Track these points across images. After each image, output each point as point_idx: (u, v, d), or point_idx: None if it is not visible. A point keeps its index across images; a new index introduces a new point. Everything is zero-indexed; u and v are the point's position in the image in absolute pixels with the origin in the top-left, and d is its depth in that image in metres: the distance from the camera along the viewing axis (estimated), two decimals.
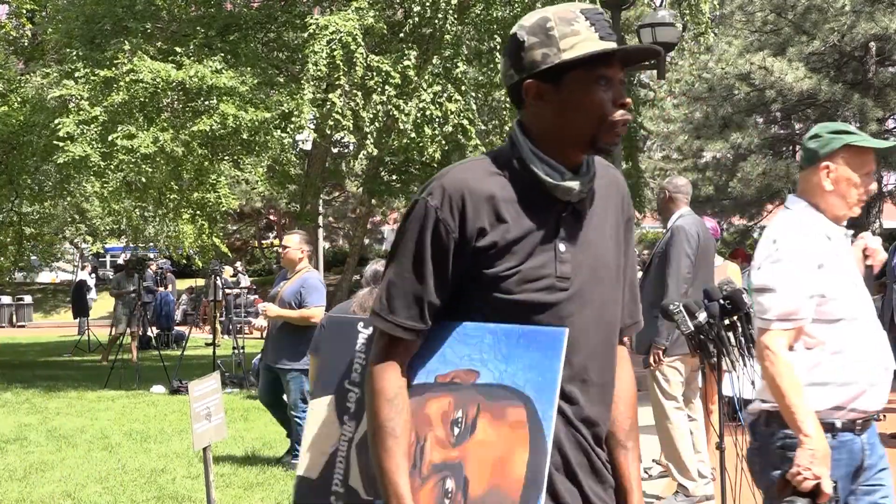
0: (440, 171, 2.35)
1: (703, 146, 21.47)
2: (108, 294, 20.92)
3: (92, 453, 9.40)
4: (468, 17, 14.30)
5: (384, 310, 2.30)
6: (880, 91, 19.37)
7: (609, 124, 2.28)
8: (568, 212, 2.32)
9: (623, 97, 2.28)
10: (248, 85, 13.93)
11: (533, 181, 2.29)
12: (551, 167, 2.29)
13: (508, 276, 2.26)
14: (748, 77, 19.34)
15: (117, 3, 15.25)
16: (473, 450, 2.19)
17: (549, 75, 2.27)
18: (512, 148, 2.34)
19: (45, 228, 22.49)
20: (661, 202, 7.64)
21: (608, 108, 2.26)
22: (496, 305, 2.27)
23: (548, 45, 2.26)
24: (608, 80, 2.26)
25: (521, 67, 2.30)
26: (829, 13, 18.87)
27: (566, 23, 2.26)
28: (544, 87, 2.28)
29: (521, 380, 2.19)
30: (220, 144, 15.26)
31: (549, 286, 2.28)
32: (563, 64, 2.25)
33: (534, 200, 2.29)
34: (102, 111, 13.78)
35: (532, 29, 2.29)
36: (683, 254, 7.04)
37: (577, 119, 2.28)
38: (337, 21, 13.28)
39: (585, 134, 2.29)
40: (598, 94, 2.26)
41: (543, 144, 2.31)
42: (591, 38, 2.24)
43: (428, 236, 2.26)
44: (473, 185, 2.27)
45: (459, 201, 2.25)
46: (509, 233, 2.26)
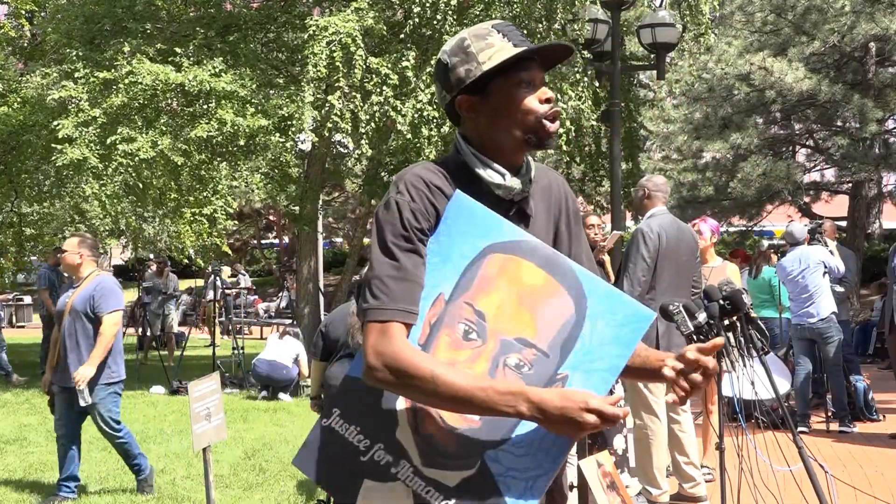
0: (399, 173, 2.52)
1: (702, 146, 21.46)
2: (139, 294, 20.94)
3: (91, 454, 9.39)
4: (467, 17, 14.30)
5: (383, 302, 2.34)
6: (880, 91, 19.37)
7: (539, 119, 2.47)
8: (514, 211, 2.51)
9: (547, 94, 2.48)
10: (247, 88, 13.94)
11: (478, 183, 2.48)
12: (493, 169, 2.49)
13: None
14: (748, 77, 19.34)
15: (117, 4, 15.24)
16: (494, 322, 2.35)
17: (476, 88, 2.48)
18: (457, 155, 2.54)
19: (45, 229, 22.47)
20: (638, 200, 7.60)
21: (534, 106, 2.47)
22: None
23: (468, 62, 2.47)
24: (529, 82, 2.47)
25: (450, 87, 2.51)
26: (829, 14, 18.87)
27: (480, 38, 2.48)
28: (474, 100, 2.49)
29: (469, 248, 2.40)
30: (218, 151, 15.26)
31: None
32: (484, 75, 2.45)
33: (482, 201, 2.43)
34: (101, 113, 13.79)
35: (453, 51, 2.51)
36: (639, 257, 7.01)
37: (509, 122, 2.48)
38: (336, 22, 13.28)
39: (520, 133, 2.48)
40: (522, 95, 2.47)
41: (485, 151, 2.51)
42: (505, 48, 2.45)
43: (410, 226, 2.38)
44: (432, 180, 2.44)
45: (426, 190, 2.41)
46: None
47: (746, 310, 5.52)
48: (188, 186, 15.41)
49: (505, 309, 2.35)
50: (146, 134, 13.85)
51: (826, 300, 10.28)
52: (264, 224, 45.00)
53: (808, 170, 24.32)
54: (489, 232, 2.39)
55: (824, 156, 23.00)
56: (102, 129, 13.90)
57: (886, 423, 10.65)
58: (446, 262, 2.39)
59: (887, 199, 24.52)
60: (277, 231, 43.48)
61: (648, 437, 7.02)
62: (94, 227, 24.17)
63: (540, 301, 2.36)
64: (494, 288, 2.37)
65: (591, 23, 14.13)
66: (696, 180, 22.51)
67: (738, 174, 20.17)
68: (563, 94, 14.35)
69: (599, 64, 14.86)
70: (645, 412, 7.03)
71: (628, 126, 19.27)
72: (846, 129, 20.71)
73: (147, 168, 14.39)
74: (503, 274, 2.38)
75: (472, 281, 2.38)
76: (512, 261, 2.39)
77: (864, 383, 11.06)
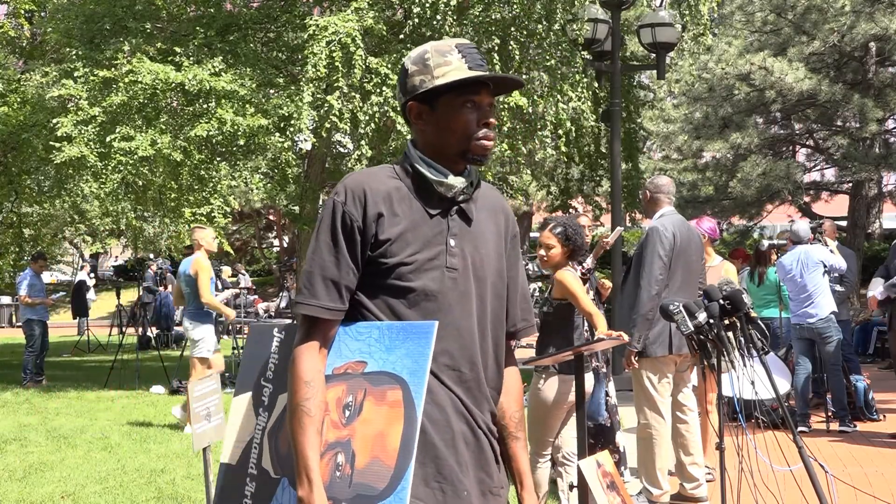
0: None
1: (702, 146, 21.46)
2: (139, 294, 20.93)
3: (91, 453, 9.40)
4: (467, 18, 14.29)
5: (306, 296, 2.64)
6: (880, 91, 19.37)
7: (473, 140, 2.69)
8: (455, 212, 2.72)
9: (487, 118, 2.70)
10: (247, 88, 13.94)
11: (423, 183, 2.70)
12: (436, 169, 2.70)
13: (404, 264, 2.62)
14: (748, 77, 19.34)
15: (117, 3, 15.25)
16: (360, 428, 2.55)
17: (427, 99, 2.71)
18: (405, 158, 2.76)
19: (44, 230, 22.47)
20: (643, 202, 7.59)
21: (473, 128, 2.69)
22: (393, 292, 2.62)
23: (424, 73, 2.70)
24: (475, 104, 2.69)
25: (405, 91, 2.75)
26: (828, 13, 18.87)
27: (441, 54, 2.69)
28: (423, 109, 2.72)
29: (400, 366, 2.55)
30: (217, 150, 15.26)
31: (439, 276, 2.65)
32: (434, 89, 2.67)
33: (426, 200, 2.69)
34: (101, 112, 13.79)
35: (414, 59, 2.73)
36: (656, 255, 6.98)
37: (449, 136, 2.70)
38: (336, 22, 13.27)
39: (456, 148, 2.70)
40: (465, 115, 2.68)
41: (428, 155, 2.73)
42: (460, 68, 2.67)
43: (338, 227, 2.64)
44: (372, 183, 2.68)
45: (361, 195, 2.64)
46: (405, 227, 2.64)
47: (746, 309, 5.52)
48: (188, 186, 15.40)
49: (370, 426, 2.55)
50: (146, 133, 13.86)
51: (826, 300, 10.27)
52: (264, 224, 45.00)
53: (809, 169, 24.33)
54: (403, 369, 2.56)
55: (824, 155, 23.01)
56: (102, 127, 13.91)
57: (887, 423, 10.65)
58: (390, 352, 2.59)
59: (887, 199, 24.51)
60: (277, 231, 43.46)
61: (652, 436, 7.00)
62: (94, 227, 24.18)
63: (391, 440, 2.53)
64: (383, 405, 2.56)
65: (590, 22, 14.12)
66: (696, 180, 22.53)
67: (738, 174, 20.18)
68: (563, 94, 14.34)
69: (599, 64, 14.85)
70: (650, 411, 7.02)
71: (628, 126, 19.24)
72: (846, 128, 20.72)
73: (146, 167, 14.38)
74: (391, 405, 2.55)
75: (379, 385, 2.57)
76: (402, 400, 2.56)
77: (864, 383, 11.06)
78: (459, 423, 2.64)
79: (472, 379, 2.69)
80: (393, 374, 2.56)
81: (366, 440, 2.52)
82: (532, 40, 14.54)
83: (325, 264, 2.64)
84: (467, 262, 2.70)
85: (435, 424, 2.59)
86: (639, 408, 7.14)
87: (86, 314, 25.06)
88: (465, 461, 2.64)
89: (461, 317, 2.66)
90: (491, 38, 14.34)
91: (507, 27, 14.28)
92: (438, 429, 2.59)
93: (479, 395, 2.71)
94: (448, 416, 2.62)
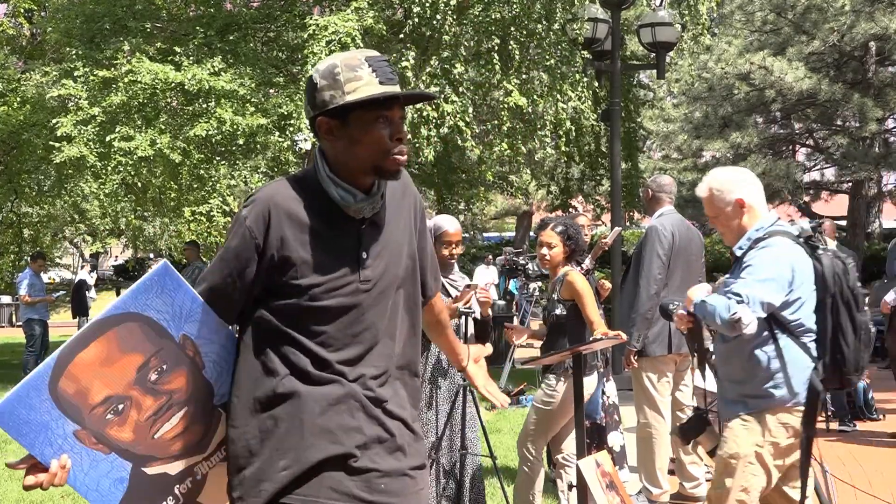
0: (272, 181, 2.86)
1: (702, 146, 21.47)
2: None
3: None
4: (467, 17, 14.29)
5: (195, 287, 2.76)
6: (880, 91, 19.37)
7: (387, 156, 2.69)
8: (366, 224, 2.75)
9: (400, 133, 2.70)
10: (246, 87, 13.93)
11: (332, 201, 2.71)
12: (345, 190, 2.70)
13: (317, 285, 2.65)
14: (748, 77, 19.35)
15: (117, 3, 15.25)
16: None
17: (337, 114, 2.68)
18: (315, 172, 2.76)
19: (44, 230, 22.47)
20: (644, 201, 7.60)
21: (386, 144, 2.68)
22: (309, 312, 2.66)
23: (335, 88, 2.66)
24: (387, 119, 2.68)
25: (314, 105, 2.72)
26: (828, 13, 18.87)
27: (350, 69, 2.66)
28: (333, 124, 2.70)
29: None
30: (217, 150, 15.26)
31: (353, 291, 2.69)
32: (345, 105, 2.65)
33: (336, 217, 2.72)
34: (101, 111, 13.79)
35: (323, 74, 2.69)
36: (655, 255, 6.99)
37: (361, 151, 2.69)
38: (336, 21, 13.27)
39: (369, 163, 2.70)
40: (377, 130, 2.68)
41: (338, 170, 2.73)
42: (371, 83, 2.65)
43: (237, 241, 2.69)
44: (280, 201, 2.69)
45: (266, 213, 2.66)
46: (313, 246, 2.68)
47: None
48: (187, 186, 15.40)
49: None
50: (145, 133, 13.86)
51: None
52: None
53: (808, 169, 24.32)
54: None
55: (824, 155, 23.01)
56: (102, 127, 13.91)
57: (886, 423, 10.65)
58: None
59: (887, 199, 24.53)
60: None
61: (652, 435, 7.00)
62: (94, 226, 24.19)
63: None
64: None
65: (590, 22, 14.12)
66: (696, 179, 22.44)
67: None
68: (562, 93, 14.34)
69: (599, 63, 14.85)
70: (650, 410, 7.02)
71: (628, 125, 19.25)
72: (846, 128, 20.72)
73: (146, 167, 14.39)
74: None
75: None
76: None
77: (863, 383, 11.05)
78: (372, 427, 2.71)
79: (391, 375, 2.78)
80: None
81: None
82: (532, 40, 14.53)
83: (213, 269, 2.74)
84: (382, 269, 2.76)
85: (348, 433, 2.66)
86: (639, 407, 7.14)
87: (86, 314, 25.05)
88: (380, 457, 2.70)
89: (377, 320, 2.74)
90: (491, 38, 14.34)
91: (506, 27, 14.27)
92: (351, 436, 2.67)
93: (399, 388, 2.80)
94: (361, 423, 2.68)
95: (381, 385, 2.74)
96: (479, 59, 14.56)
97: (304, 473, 2.63)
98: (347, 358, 2.68)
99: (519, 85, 14.33)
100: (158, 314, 2.67)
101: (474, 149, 14.79)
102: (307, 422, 2.64)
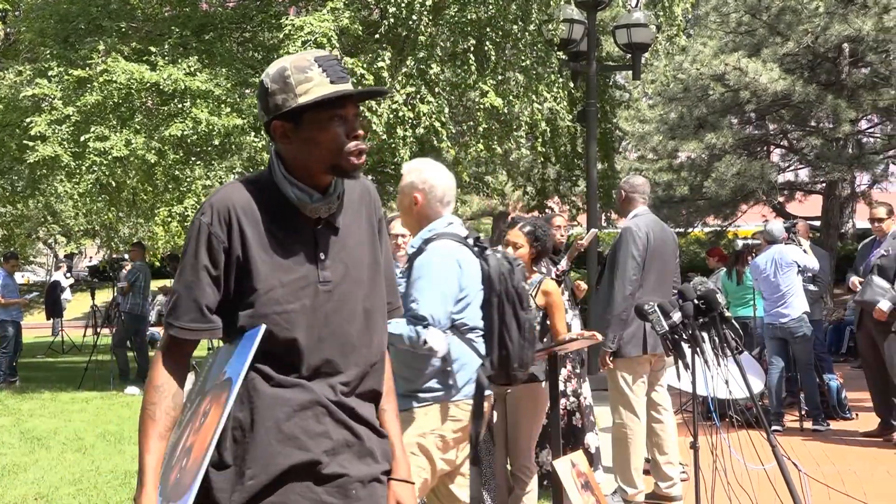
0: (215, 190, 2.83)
1: (677, 146, 21.49)
2: (114, 294, 20.80)
3: (65, 455, 9.35)
4: (443, 18, 14.30)
5: (170, 316, 2.69)
6: (853, 92, 19.46)
7: (345, 154, 2.68)
8: (323, 224, 2.74)
9: (356, 130, 2.69)
10: (222, 87, 13.89)
11: (289, 202, 2.70)
12: (301, 190, 2.70)
13: (276, 287, 2.65)
14: (723, 78, 19.38)
15: (91, 3, 15.17)
16: (200, 433, 2.61)
17: (291, 116, 2.67)
18: (270, 173, 2.75)
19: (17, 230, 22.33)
20: (618, 202, 7.61)
21: (342, 141, 2.67)
22: (270, 314, 2.64)
23: (286, 92, 2.65)
24: (341, 117, 2.67)
25: (267, 110, 2.71)
26: (802, 15, 18.93)
27: (300, 71, 2.65)
28: (288, 127, 2.69)
29: (231, 369, 2.64)
30: (192, 150, 15.20)
31: (314, 292, 2.68)
32: (298, 107, 2.64)
33: (292, 218, 2.71)
34: (75, 111, 13.72)
35: (274, 77, 2.68)
36: (629, 255, 7.01)
37: (318, 152, 2.68)
38: (312, 22, 13.25)
39: (326, 163, 2.69)
40: (332, 130, 2.66)
41: (295, 171, 2.72)
42: (322, 84, 2.64)
43: (203, 248, 2.66)
44: (238, 202, 2.68)
45: (226, 216, 2.65)
46: (273, 248, 2.67)
47: (721, 309, 5.55)
48: (163, 186, 15.34)
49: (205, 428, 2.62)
50: (120, 133, 13.80)
51: (798, 300, 10.33)
52: None
53: (783, 170, 24.41)
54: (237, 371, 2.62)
55: (798, 156, 23.10)
56: (76, 127, 13.84)
57: (859, 422, 10.72)
58: (235, 356, 2.66)
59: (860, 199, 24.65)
60: None
61: (628, 436, 7.02)
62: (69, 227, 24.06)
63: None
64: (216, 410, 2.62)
65: (566, 23, 14.16)
66: (671, 180, 22.57)
67: (713, 174, 20.22)
68: (538, 94, 14.37)
69: (575, 64, 14.89)
70: (625, 411, 7.04)
71: (604, 126, 19.30)
72: (820, 129, 20.80)
73: (121, 167, 14.32)
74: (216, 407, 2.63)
75: (222, 390, 2.65)
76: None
77: (837, 382, 11.13)
78: (340, 431, 2.70)
79: (358, 379, 2.76)
80: (228, 377, 2.64)
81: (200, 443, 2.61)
82: (508, 41, 14.56)
83: (189, 284, 2.67)
84: (341, 271, 2.74)
85: (315, 439, 2.66)
86: (614, 407, 7.16)
87: (60, 315, 24.91)
88: (348, 461, 2.70)
89: (342, 323, 2.73)
90: (467, 39, 14.36)
91: (482, 27, 14.29)
92: (319, 442, 2.66)
93: (364, 392, 2.79)
94: (328, 428, 2.68)
95: (347, 390, 2.73)
96: (455, 60, 14.57)
97: (272, 482, 2.61)
98: (312, 362, 2.67)
99: (495, 86, 14.35)
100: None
101: (450, 149, 14.78)
102: (273, 428, 2.63)
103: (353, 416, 2.73)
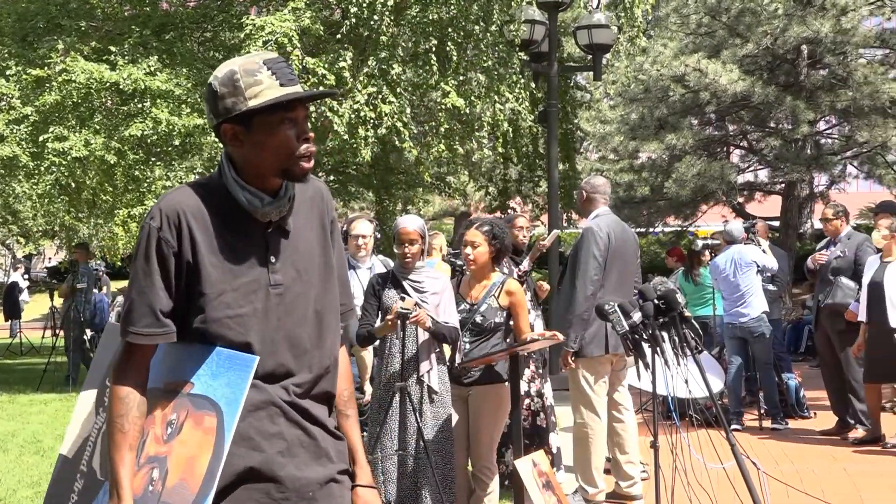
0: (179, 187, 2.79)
1: (638, 147, 21.57)
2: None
3: (23, 458, 9.27)
4: (404, 18, 14.30)
5: (125, 322, 2.66)
6: (812, 93, 19.62)
7: (296, 157, 2.67)
8: (274, 228, 2.72)
9: (306, 132, 2.69)
10: (183, 87, 13.82)
11: (239, 206, 2.68)
12: (252, 194, 2.67)
13: (227, 291, 2.64)
14: (683, 79, 19.49)
15: (51, 1, 15.06)
16: (177, 447, 2.59)
17: (241, 120, 2.64)
18: (220, 176, 2.73)
19: None
20: (579, 202, 7.62)
21: (293, 144, 2.66)
22: (222, 318, 2.63)
23: (236, 95, 2.63)
24: (291, 120, 2.66)
25: (217, 113, 2.68)
26: (762, 16, 19.06)
27: (250, 74, 2.63)
28: (238, 130, 2.66)
29: (219, 394, 2.59)
30: (152, 150, 15.12)
31: (265, 296, 2.67)
32: (248, 111, 2.62)
33: (242, 221, 2.69)
34: (34, 111, 13.61)
35: (223, 81, 2.65)
36: (591, 256, 7.02)
37: (268, 155, 2.66)
38: (273, 21, 13.21)
39: (277, 167, 2.67)
40: (283, 133, 2.65)
41: (245, 175, 2.69)
42: (272, 87, 2.63)
43: (153, 253, 2.63)
44: (187, 207, 2.65)
45: (176, 220, 2.63)
46: (223, 252, 2.66)
47: (680, 309, 5.58)
48: (122, 186, 15.24)
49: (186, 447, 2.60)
50: (79, 133, 13.70)
51: (758, 300, 10.41)
52: None
53: (742, 170, 24.55)
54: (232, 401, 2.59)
55: (758, 156, 23.26)
56: (35, 127, 13.72)
57: (817, 420, 10.82)
58: (215, 378, 2.61)
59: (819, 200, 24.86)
60: None
61: (588, 435, 7.05)
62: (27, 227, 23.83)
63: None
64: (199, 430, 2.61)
65: (527, 24, 14.20)
66: (632, 181, 22.64)
67: (674, 175, 20.32)
68: (500, 95, 14.40)
69: (536, 65, 14.93)
70: (586, 410, 7.06)
71: (565, 127, 19.35)
72: (779, 130, 20.96)
73: (80, 167, 14.21)
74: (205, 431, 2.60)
75: (200, 409, 2.62)
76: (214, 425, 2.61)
77: (795, 381, 11.22)
78: (293, 431, 2.69)
79: (311, 381, 2.75)
80: (213, 400, 2.60)
81: (179, 461, 2.58)
82: (469, 41, 14.58)
83: (142, 290, 2.64)
84: (292, 274, 2.73)
85: (269, 440, 2.65)
86: (575, 407, 7.18)
87: (18, 316, 24.68)
88: (305, 463, 2.70)
89: (294, 326, 2.72)
90: (428, 39, 14.37)
91: (444, 28, 14.31)
92: (273, 443, 2.65)
93: (318, 394, 2.78)
94: (281, 429, 2.66)
95: (301, 391, 2.73)
96: (417, 60, 14.58)
97: (228, 484, 2.59)
98: (266, 365, 2.65)
99: (456, 86, 14.36)
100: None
101: (412, 150, 14.79)
102: None
103: (307, 417, 2.72)
